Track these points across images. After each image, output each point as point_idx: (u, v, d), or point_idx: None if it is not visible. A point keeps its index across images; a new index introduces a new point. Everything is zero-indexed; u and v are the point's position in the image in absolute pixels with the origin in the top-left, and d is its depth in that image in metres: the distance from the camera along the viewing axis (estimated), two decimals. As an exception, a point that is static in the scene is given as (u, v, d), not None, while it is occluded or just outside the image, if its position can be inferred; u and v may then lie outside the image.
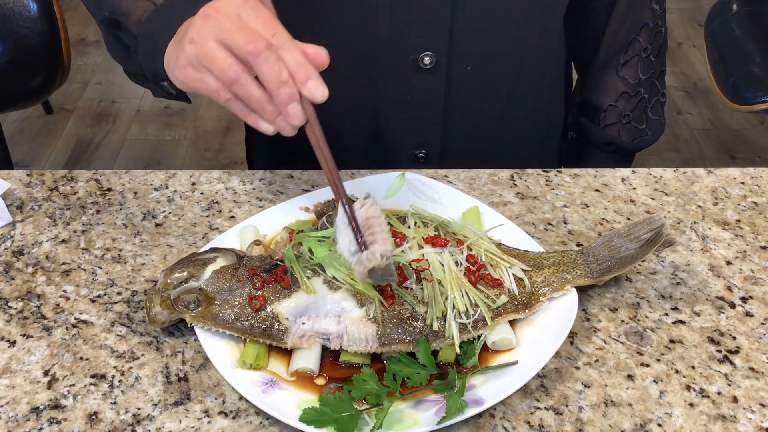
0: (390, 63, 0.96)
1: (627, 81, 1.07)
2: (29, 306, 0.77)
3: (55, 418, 0.67)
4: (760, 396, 0.70)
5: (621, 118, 1.08)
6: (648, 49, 1.06)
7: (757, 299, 0.79)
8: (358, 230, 0.66)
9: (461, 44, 0.94)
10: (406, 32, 0.93)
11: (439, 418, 0.64)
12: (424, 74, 0.96)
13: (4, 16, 1.38)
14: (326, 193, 0.86)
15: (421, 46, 0.94)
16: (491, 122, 1.04)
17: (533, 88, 1.04)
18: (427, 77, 0.96)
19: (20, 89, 1.49)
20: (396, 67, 0.96)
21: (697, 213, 0.90)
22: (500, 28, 0.96)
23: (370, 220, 0.66)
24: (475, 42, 0.95)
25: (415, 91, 0.98)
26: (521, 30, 0.97)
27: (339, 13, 0.93)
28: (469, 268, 0.73)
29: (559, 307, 0.74)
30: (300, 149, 1.08)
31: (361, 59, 0.96)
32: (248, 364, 0.68)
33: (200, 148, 2.65)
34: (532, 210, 0.90)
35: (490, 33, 0.95)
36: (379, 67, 0.97)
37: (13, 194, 0.91)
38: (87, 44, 3.21)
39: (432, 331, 0.69)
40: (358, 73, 0.97)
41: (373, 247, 0.65)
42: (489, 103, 1.02)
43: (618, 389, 0.70)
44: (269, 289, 0.71)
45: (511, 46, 0.98)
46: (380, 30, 0.93)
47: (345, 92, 0.99)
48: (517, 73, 1.01)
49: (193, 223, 0.87)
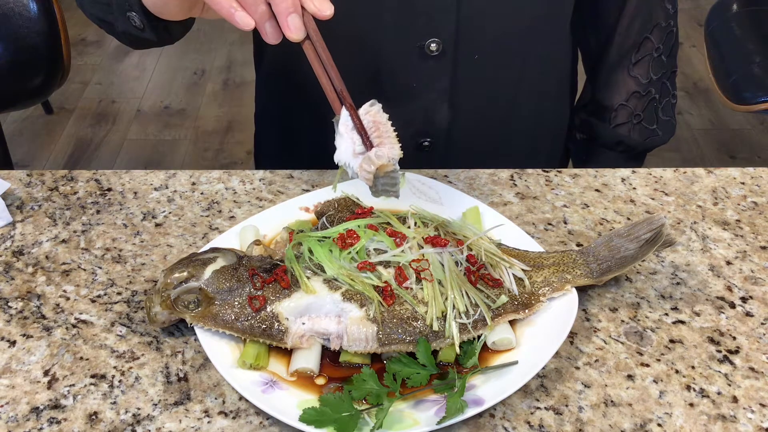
0: (396, 49, 0.95)
1: (638, 80, 1.06)
2: (29, 306, 0.77)
3: (55, 418, 0.67)
4: (760, 396, 0.70)
5: (632, 117, 1.08)
6: (660, 49, 1.05)
7: (757, 299, 0.79)
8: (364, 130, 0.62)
9: (468, 31, 0.93)
10: (413, 18, 0.92)
11: (439, 418, 0.64)
12: (431, 61, 0.95)
13: (4, 16, 1.38)
14: (326, 193, 0.86)
15: (427, 32, 0.93)
16: (497, 112, 1.04)
17: (540, 78, 1.04)
18: (433, 64, 0.95)
19: (20, 89, 1.49)
20: (402, 53, 0.95)
21: (697, 213, 0.90)
22: (508, 17, 0.95)
23: (378, 122, 0.64)
24: (482, 30, 0.94)
25: (421, 79, 0.97)
26: (529, 19, 0.97)
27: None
28: (469, 268, 0.73)
29: (559, 307, 0.74)
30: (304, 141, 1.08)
31: (368, 45, 0.95)
32: (248, 364, 0.68)
33: (200, 148, 2.66)
34: (532, 210, 0.90)
35: (497, 21, 0.95)
36: (385, 53, 0.96)
37: (13, 194, 0.91)
38: (87, 44, 3.21)
39: (432, 331, 0.69)
40: (364, 60, 0.96)
41: (380, 148, 0.62)
42: (495, 92, 1.02)
43: (618, 389, 0.70)
44: (269, 289, 0.71)
45: (519, 35, 0.98)
46: (387, 15, 0.93)
47: (350, 78, 0.99)
48: (523, 62, 1.00)
49: (193, 223, 0.87)
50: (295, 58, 1.02)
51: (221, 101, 2.90)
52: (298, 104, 1.06)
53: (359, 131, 0.63)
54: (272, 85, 1.09)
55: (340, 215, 0.79)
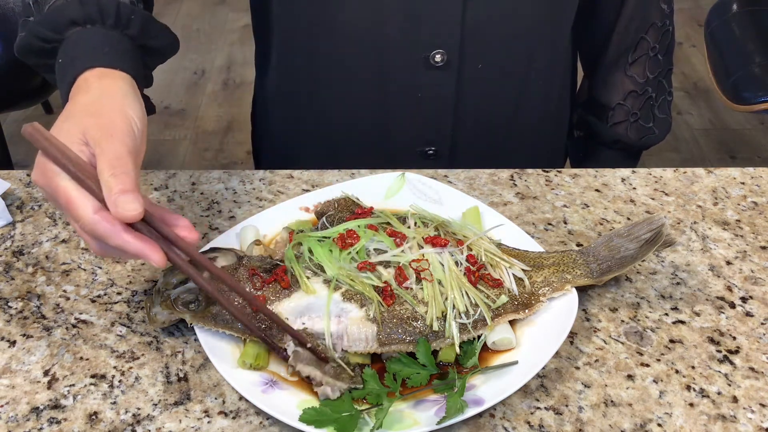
0: (401, 60, 0.96)
1: (635, 80, 1.07)
2: (29, 306, 0.77)
3: (55, 418, 0.67)
4: (760, 396, 0.70)
5: (629, 116, 1.09)
6: (656, 48, 1.06)
7: (757, 299, 0.79)
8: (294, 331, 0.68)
9: (472, 42, 0.94)
10: (418, 29, 0.93)
11: (439, 418, 0.64)
12: (435, 72, 0.96)
13: (4, 16, 1.38)
14: (326, 193, 0.86)
15: (432, 43, 0.94)
16: (501, 120, 1.04)
17: (543, 86, 1.04)
18: (438, 75, 0.96)
19: (20, 89, 1.49)
20: (407, 64, 0.96)
21: (697, 213, 0.90)
22: (511, 26, 0.96)
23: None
24: (486, 40, 0.95)
25: (425, 89, 0.98)
26: (532, 28, 0.97)
27: (351, 9, 0.93)
28: (469, 268, 0.73)
29: (559, 307, 0.74)
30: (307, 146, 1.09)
31: (373, 56, 0.96)
32: (248, 364, 0.68)
33: (200, 148, 2.65)
34: (532, 210, 0.90)
35: (501, 31, 0.95)
36: (390, 64, 0.97)
37: (13, 194, 0.91)
38: (87, 44, 3.20)
39: (432, 331, 0.69)
40: (369, 70, 0.97)
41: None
42: (499, 100, 1.02)
43: (618, 389, 0.70)
44: (269, 289, 0.71)
45: (522, 44, 0.98)
46: (392, 27, 0.93)
47: (356, 88, 0.99)
48: (527, 71, 1.01)
49: (193, 223, 0.87)
50: (299, 58, 1.02)
51: (221, 101, 2.90)
52: (300, 104, 1.06)
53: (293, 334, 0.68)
54: (276, 84, 1.09)
55: (340, 215, 0.79)
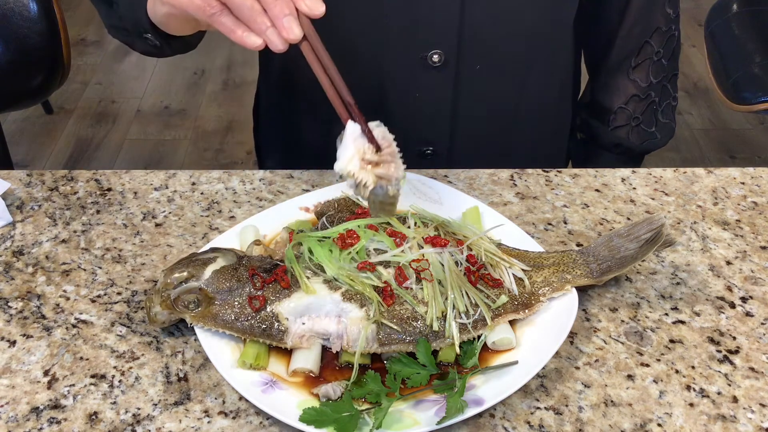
0: (399, 60, 0.96)
1: (638, 84, 1.07)
2: (29, 306, 0.77)
3: (55, 418, 0.67)
4: (760, 396, 0.70)
5: (630, 120, 1.09)
6: (660, 53, 1.05)
7: (757, 299, 0.79)
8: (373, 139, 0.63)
9: (470, 42, 0.94)
10: (416, 30, 0.93)
11: (439, 418, 0.64)
12: (433, 72, 0.96)
13: (4, 16, 1.38)
14: (326, 193, 0.86)
15: (430, 43, 0.94)
16: (499, 120, 1.04)
17: (542, 87, 1.04)
18: (435, 75, 0.96)
19: (20, 89, 1.49)
20: (405, 64, 0.96)
21: (697, 213, 0.90)
22: (510, 27, 0.95)
23: (386, 139, 0.64)
24: (484, 40, 0.95)
25: (423, 89, 0.98)
26: (531, 29, 0.97)
27: (349, 9, 0.93)
28: (469, 268, 0.73)
29: (559, 307, 0.74)
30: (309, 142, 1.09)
31: (371, 56, 0.96)
32: (248, 364, 0.68)
33: (200, 148, 2.65)
34: (532, 210, 0.90)
35: (499, 31, 0.95)
36: (388, 64, 0.97)
37: (13, 194, 0.91)
38: (87, 44, 3.21)
39: (432, 331, 0.69)
40: (367, 70, 0.97)
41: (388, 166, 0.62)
42: (497, 101, 1.02)
43: (618, 389, 0.70)
44: (269, 289, 0.71)
45: (521, 45, 0.98)
46: (390, 27, 0.93)
47: (353, 88, 0.99)
48: (525, 71, 1.01)
49: (193, 223, 0.87)
50: (299, 57, 1.02)
51: (221, 101, 2.90)
52: (302, 104, 1.06)
53: (369, 139, 0.63)
54: (279, 84, 1.09)
55: (340, 215, 0.79)
